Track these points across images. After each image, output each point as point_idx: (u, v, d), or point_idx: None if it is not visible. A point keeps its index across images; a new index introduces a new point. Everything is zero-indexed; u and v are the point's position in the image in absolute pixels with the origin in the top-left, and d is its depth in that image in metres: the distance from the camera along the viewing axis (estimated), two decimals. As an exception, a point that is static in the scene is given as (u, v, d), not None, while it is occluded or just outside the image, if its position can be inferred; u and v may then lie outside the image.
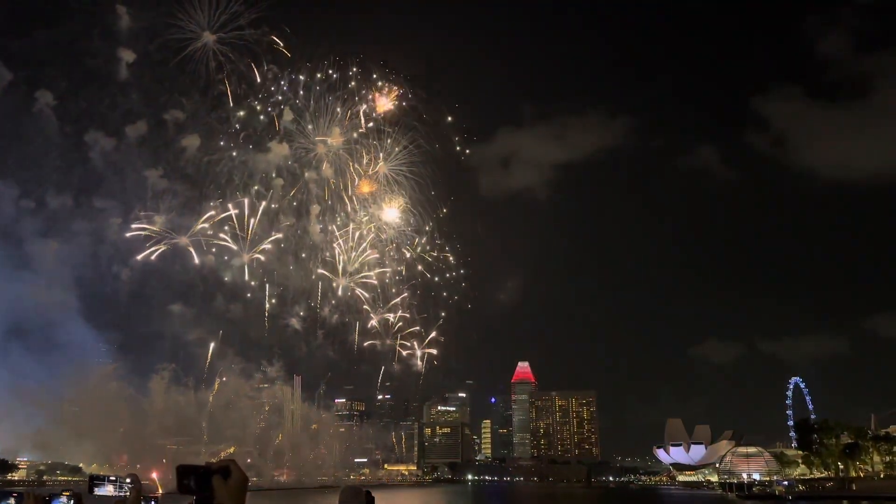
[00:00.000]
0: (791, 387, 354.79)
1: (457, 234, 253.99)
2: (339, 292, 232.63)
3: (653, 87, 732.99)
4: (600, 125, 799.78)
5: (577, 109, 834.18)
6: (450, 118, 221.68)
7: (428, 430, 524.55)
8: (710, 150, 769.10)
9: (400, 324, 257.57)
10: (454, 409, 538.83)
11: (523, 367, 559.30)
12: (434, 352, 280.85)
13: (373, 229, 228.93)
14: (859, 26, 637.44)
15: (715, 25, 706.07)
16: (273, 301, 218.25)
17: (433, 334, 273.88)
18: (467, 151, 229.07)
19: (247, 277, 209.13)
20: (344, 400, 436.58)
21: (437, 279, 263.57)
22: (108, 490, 16.99)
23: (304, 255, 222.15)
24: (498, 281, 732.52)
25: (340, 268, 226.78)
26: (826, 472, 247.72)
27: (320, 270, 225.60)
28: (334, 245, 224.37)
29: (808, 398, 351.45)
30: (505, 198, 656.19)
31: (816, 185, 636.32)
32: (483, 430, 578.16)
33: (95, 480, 17.11)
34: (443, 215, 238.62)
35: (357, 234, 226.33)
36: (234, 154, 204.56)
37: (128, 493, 16.87)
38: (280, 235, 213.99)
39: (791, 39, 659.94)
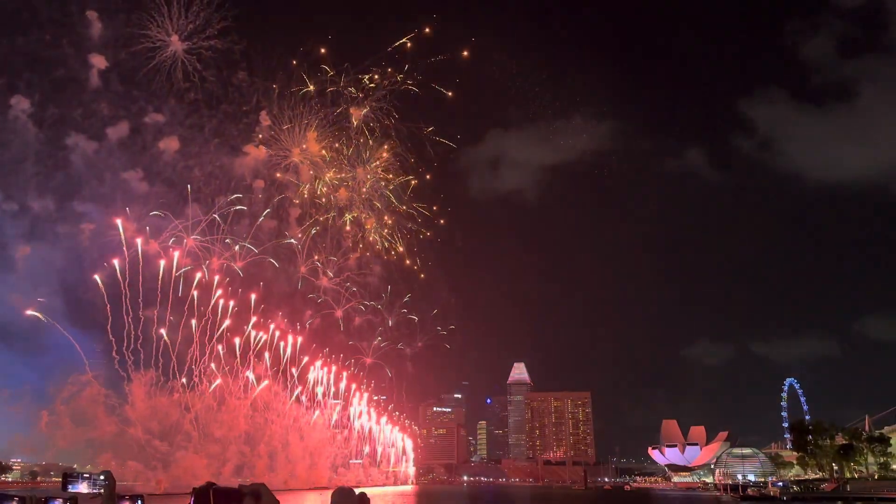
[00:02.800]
0: (786, 388, 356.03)
1: (446, 238, 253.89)
2: (322, 294, 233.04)
3: (639, 91, 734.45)
4: (587, 128, 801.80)
5: (564, 112, 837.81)
6: (431, 128, 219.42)
7: (424, 431, 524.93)
8: (698, 152, 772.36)
9: (388, 325, 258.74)
10: (450, 409, 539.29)
11: (519, 368, 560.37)
12: (426, 353, 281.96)
13: (354, 233, 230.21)
14: (842, 31, 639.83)
15: (700, 29, 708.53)
16: (256, 302, 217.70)
17: (426, 336, 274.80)
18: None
19: (228, 278, 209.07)
20: (339, 401, 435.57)
21: (424, 283, 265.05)
22: (82, 487, 16.91)
23: (284, 257, 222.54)
24: (491, 282, 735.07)
25: (321, 270, 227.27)
26: (821, 473, 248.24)
27: (302, 272, 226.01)
28: (314, 251, 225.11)
29: (802, 399, 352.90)
30: (495, 199, 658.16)
31: (804, 187, 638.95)
32: (479, 431, 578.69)
33: (69, 478, 17.03)
34: (429, 218, 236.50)
35: (336, 239, 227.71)
36: (212, 158, 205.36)
37: (101, 491, 16.78)
38: (260, 238, 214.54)
39: (775, 43, 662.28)
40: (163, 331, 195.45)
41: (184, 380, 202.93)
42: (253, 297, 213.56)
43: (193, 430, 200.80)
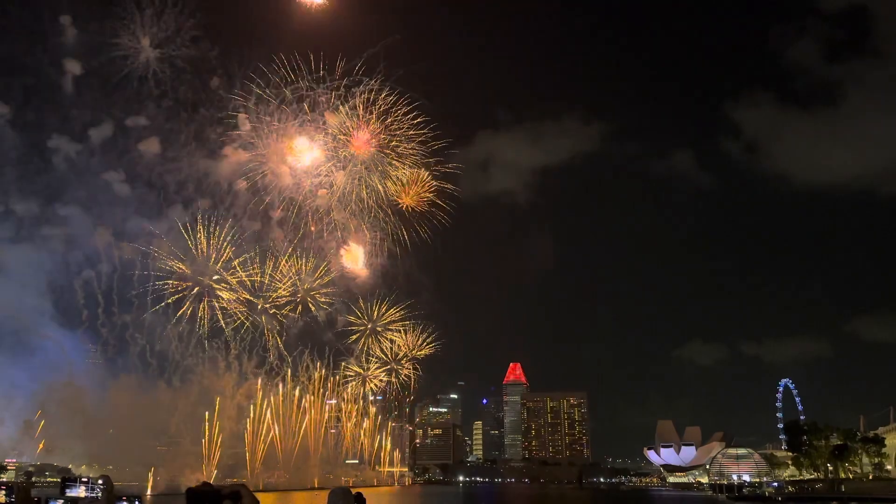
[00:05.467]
0: (781, 388, 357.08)
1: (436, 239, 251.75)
2: (307, 297, 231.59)
3: (627, 94, 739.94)
4: (576, 130, 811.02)
5: (553, 114, 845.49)
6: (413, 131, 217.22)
7: (419, 432, 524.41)
8: (685, 155, 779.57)
9: (378, 328, 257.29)
10: (445, 410, 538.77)
11: (515, 368, 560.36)
12: (420, 354, 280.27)
13: (336, 235, 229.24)
14: (828, 35, 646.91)
15: (687, 33, 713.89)
16: (243, 304, 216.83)
17: (419, 337, 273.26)
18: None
19: (213, 280, 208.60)
20: (335, 401, 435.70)
21: (416, 283, 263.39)
22: (79, 491, 17.00)
23: (267, 258, 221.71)
24: (486, 283, 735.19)
25: (305, 272, 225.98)
26: (815, 474, 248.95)
27: (284, 273, 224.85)
28: (295, 253, 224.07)
29: (797, 400, 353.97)
30: (485, 201, 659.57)
31: (791, 189, 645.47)
32: (475, 432, 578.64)
33: (67, 482, 17.14)
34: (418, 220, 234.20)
35: (318, 244, 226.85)
36: (191, 161, 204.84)
37: (99, 495, 16.83)
38: (241, 241, 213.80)
39: (761, 47, 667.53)
40: (149, 332, 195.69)
41: (173, 379, 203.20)
42: (238, 296, 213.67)
43: (186, 429, 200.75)
